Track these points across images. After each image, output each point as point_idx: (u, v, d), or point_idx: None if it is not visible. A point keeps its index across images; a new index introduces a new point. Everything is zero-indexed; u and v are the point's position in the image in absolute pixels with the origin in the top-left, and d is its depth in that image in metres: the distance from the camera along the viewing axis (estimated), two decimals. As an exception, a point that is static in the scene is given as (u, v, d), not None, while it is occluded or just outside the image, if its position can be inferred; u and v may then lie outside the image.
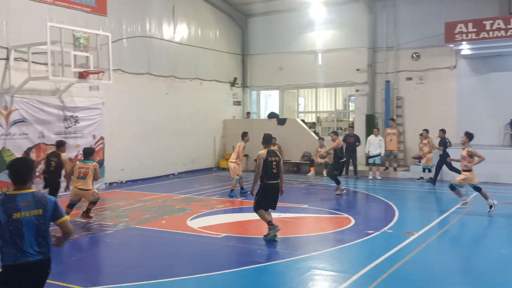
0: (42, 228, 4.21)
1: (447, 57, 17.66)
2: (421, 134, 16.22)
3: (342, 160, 13.84)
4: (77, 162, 10.53)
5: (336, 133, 13.91)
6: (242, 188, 13.44)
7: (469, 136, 10.88)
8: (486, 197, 10.49)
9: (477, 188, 10.64)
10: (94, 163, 10.07)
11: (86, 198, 10.09)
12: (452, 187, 10.84)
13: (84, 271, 7.13)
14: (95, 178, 10.01)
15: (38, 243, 4.21)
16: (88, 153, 10.25)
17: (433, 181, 14.99)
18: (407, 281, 6.40)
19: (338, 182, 13.28)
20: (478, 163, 10.53)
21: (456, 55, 17.44)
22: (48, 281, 6.39)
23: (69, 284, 6.29)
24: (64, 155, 10.69)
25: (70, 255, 7.89)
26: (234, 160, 13.36)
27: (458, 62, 17.61)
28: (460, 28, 15.83)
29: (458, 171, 15.06)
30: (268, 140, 8.98)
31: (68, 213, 10.05)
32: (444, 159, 14.41)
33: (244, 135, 13.54)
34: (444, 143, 14.99)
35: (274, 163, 8.46)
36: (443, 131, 15.29)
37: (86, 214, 10.19)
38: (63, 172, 10.71)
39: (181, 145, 18.17)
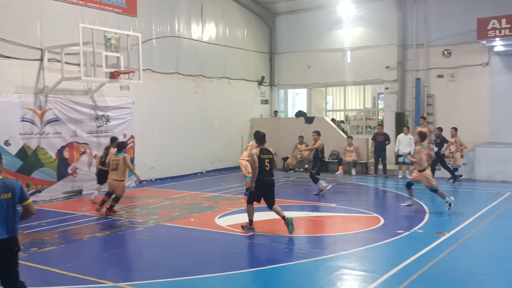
0: (10, 210, 4.86)
1: (480, 54, 17.26)
2: (454, 128, 15.93)
3: (322, 160, 13.59)
4: (112, 155, 11.06)
5: (318, 133, 13.48)
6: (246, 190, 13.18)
7: (421, 135, 11.19)
8: (443, 196, 10.58)
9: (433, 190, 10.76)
10: (124, 154, 10.81)
11: (116, 190, 10.64)
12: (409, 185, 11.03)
13: (115, 267, 7.27)
14: (128, 168, 10.77)
15: (7, 223, 4.84)
16: (121, 146, 11.04)
17: (453, 179, 14.97)
18: (438, 282, 6.30)
19: (315, 181, 13.05)
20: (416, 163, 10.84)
21: (489, 51, 17.02)
22: (79, 276, 6.58)
23: (100, 280, 6.43)
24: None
25: (102, 251, 8.07)
26: (246, 158, 13.24)
27: (491, 59, 17.19)
28: (493, 24, 15.44)
29: (450, 170, 14.97)
30: (261, 139, 9.16)
31: (104, 201, 10.80)
32: (441, 157, 14.78)
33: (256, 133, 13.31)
34: (445, 140, 15.13)
35: (267, 160, 8.87)
36: (440, 129, 15.36)
37: (110, 210, 10.63)
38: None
39: (209, 144, 18.30)
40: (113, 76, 12.44)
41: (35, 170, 12.54)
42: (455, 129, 15.68)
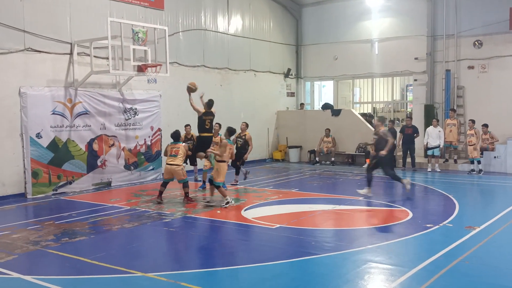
0: None
1: (512, 45, 16.82)
2: (485, 125, 15.69)
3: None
4: (169, 144, 11.55)
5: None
6: (203, 182, 13.08)
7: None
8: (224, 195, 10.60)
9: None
10: (183, 143, 11.62)
11: (176, 176, 11.11)
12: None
13: (143, 257, 7.39)
14: (186, 155, 11.51)
15: None
16: (177, 136, 11.60)
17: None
18: (467, 276, 6.19)
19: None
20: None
21: (522, 42, 16.57)
22: (109, 265, 6.71)
23: (129, 269, 6.54)
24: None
25: (130, 241, 8.20)
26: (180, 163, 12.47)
27: (524, 49, 16.73)
28: (527, 13, 15.00)
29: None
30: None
31: (161, 192, 11.20)
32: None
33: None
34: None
35: (208, 120, 10.26)
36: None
37: (187, 198, 11.18)
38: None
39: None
40: (141, 69, 12.57)
41: (66, 162, 12.81)
42: (473, 121, 15.65)
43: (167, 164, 11.26)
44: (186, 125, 14.04)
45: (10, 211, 10.69)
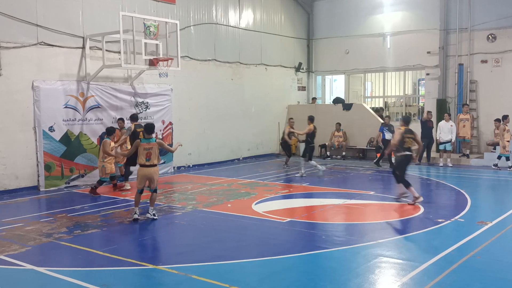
0: None
1: (527, 38, 16.60)
2: (498, 120, 15.50)
3: (311, 145, 14.28)
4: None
5: (311, 119, 14.23)
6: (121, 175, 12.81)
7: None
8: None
9: None
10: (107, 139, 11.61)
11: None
12: None
13: (154, 250, 7.45)
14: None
15: None
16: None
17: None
18: (479, 271, 6.15)
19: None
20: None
21: (537, 35, 16.34)
22: (121, 257, 6.78)
23: (141, 262, 6.60)
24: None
25: (141, 235, 8.27)
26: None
27: (539, 43, 16.50)
28: (542, 6, 14.78)
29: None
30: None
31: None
32: None
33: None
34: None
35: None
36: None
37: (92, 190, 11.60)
38: None
39: (246, 131, 18.38)
40: (152, 63, 12.61)
41: (78, 156, 12.92)
42: (499, 120, 15.60)
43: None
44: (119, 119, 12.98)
45: (23, 204, 10.82)
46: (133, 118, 12.34)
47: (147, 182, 9.08)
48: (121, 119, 12.86)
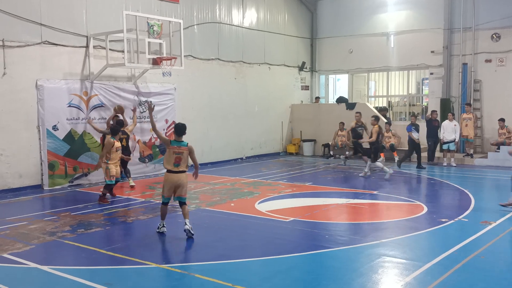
0: None
1: (531, 38, 16.54)
2: (502, 120, 15.47)
3: (376, 146, 13.74)
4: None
5: (377, 119, 13.85)
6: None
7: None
8: None
9: None
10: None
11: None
12: None
13: (158, 249, 7.45)
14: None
15: None
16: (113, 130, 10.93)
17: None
18: (482, 271, 6.13)
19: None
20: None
21: (542, 34, 16.28)
22: (124, 256, 6.79)
23: (144, 261, 6.60)
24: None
25: (145, 233, 8.27)
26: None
27: (543, 43, 16.44)
28: (547, 5, 14.73)
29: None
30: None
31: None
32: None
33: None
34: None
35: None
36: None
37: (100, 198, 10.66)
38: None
39: (249, 130, 18.38)
40: (156, 62, 12.61)
41: (82, 154, 12.95)
42: (504, 120, 15.52)
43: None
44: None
45: (27, 202, 10.85)
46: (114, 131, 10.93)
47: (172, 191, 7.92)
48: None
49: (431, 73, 18.79)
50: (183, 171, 7.91)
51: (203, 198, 10.90)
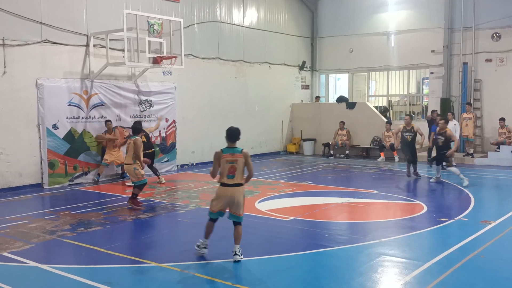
0: None
1: (532, 37, 16.53)
2: (503, 119, 15.46)
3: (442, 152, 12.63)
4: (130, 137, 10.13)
5: (447, 120, 13.30)
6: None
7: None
8: None
9: None
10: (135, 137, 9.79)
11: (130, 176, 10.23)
12: None
13: (158, 248, 7.45)
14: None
15: None
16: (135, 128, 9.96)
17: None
18: (482, 271, 6.13)
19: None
20: None
21: (542, 34, 16.27)
22: (124, 255, 6.79)
23: (143, 259, 6.61)
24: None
25: (145, 232, 8.28)
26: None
27: (544, 42, 16.43)
28: (547, 5, 14.72)
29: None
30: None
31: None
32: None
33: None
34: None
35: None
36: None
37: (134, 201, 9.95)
38: None
39: (249, 129, 18.35)
40: (156, 61, 12.62)
41: (82, 153, 12.95)
42: (504, 119, 15.41)
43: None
44: (107, 121, 13.15)
45: (27, 201, 10.85)
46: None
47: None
48: (109, 121, 13.00)
49: (431, 73, 18.79)
50: (239, 184, 6.67)
51: (203, 197, 10.90)
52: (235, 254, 6.50)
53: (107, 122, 13.10)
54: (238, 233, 6.65)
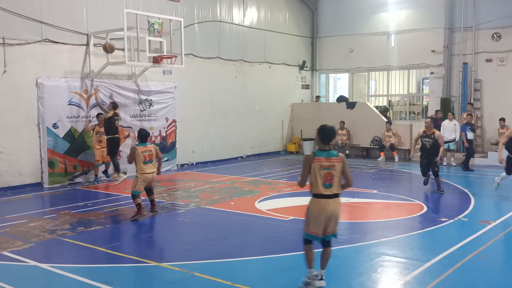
0: None
1: (532, 37, 16.53)
2: (503, 119, 15.44)
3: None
4: (136, 146, 9.37)
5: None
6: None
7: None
8: None
9: None
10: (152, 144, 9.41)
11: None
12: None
13: (157, 247, 7.46)
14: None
15: None
16: (147, 135, 9.27)
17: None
18: (482, 271, 6.13)
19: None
20: None
21: (543, 34, 16.27)
22: (124, 254, 6.79)
23: (143, 259, 6.60)
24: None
25: (145, 231, 8.28)
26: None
27: (544, 42, 16.43)
28: (548, 5, 14.72)
29: None
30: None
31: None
32: None
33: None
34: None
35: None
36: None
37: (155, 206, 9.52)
38: None
39: (250, 129, 18.37)
40: (156, 60, 12.62)
41: (82, 153, 12.95)
42: (504, 119, 15.49)
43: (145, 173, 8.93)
44: (99, 114, 12.88)
45: (27, 200, 10.85)
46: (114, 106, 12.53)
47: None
48: (101, 114, 12.79)
49: (432, 73, 18.78)
50: (337, 195, 5.68)
51: (203, 197, 10.90)
52: (321, 279, 5.49)
53: (99, 115, 12.88)
54: (328, 255, 5.60)
